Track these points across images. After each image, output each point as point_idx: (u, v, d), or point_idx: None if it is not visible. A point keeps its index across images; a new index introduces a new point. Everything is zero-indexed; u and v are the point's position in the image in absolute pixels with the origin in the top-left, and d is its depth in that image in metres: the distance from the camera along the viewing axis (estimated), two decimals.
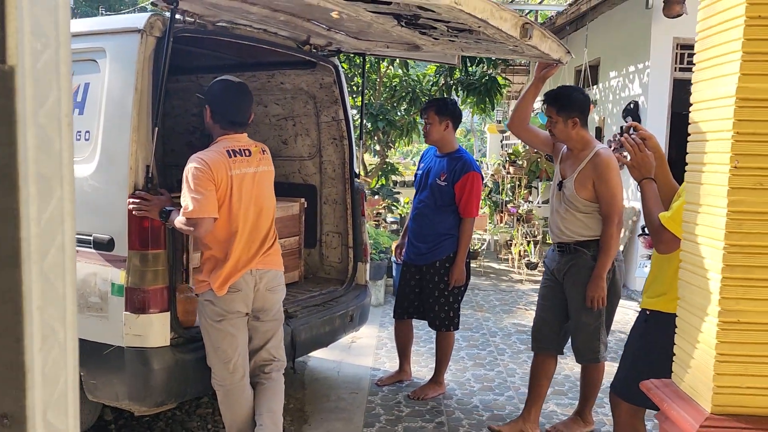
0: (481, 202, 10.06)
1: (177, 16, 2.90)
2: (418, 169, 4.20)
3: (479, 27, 2.62)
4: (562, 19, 7.39)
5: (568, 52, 3.36)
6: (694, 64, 1.88)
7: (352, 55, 9.91)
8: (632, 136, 2.35)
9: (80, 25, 3.30)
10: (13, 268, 0.51)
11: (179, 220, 2.69)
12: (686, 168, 1.92)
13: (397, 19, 2.94)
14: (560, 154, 3.53)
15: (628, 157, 2.37)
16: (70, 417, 0.59)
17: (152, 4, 2.96)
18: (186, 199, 2.67)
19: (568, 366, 4.56)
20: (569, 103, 3.33)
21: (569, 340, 3.56)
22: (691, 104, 1.90)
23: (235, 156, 2.84)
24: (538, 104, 7.44)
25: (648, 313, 2.55)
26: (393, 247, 4.87)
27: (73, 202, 0.59)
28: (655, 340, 2.41)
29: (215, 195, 2.73)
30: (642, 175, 2.35)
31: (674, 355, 1.95)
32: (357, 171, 4.35)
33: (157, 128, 2.84)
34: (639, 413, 2.72)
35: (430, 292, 3.96)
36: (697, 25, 1.84)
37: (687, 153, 1.91)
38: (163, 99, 2.85)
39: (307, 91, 4.33)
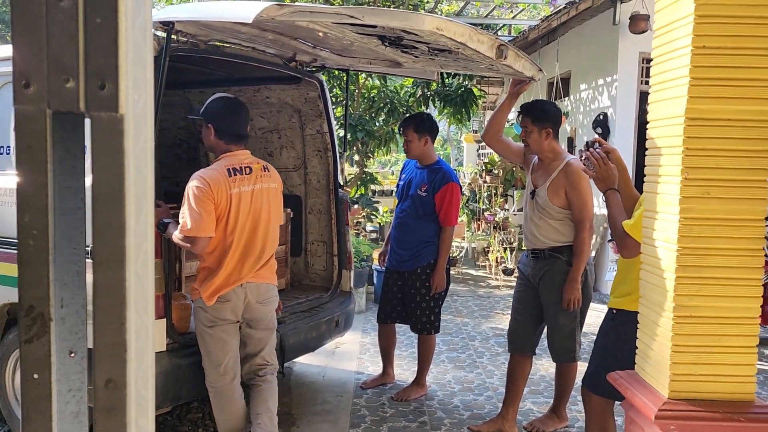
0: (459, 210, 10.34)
1: (172, 36, 3.05)
2: (399, 180, 4.39)
3: (458, 48, 2.82)
4: (535, 33, 7.66)
5: (540, 69, 3.58)
6: (650, 86, 2.09)
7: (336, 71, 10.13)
8: (597, 150, 2.56)
9: None
10: (120, 269, 0.68)
11: (176, 236, 2.82)
12: (645, 179, 2.13)
13: (382, 40, 3.12)
14: (531, 165, 3.74)
15: (594, 170, 2.58)
16: (149, 388, 0.76)
17: None
18: (185, 216, 2.79)
19: (544, 367, 4.77)
20: (543, 115, 3.55)
21: (543, 341, 3.77)
22: (647, 122, 2.12)
23: (236, 174, 2.95)
24: (512, 115, 7.69)
25: (615, 312, 2.76)
26: (376, 255, 5.08)
27: (153, 216, 0.76)
28: (622, 337, 2.62)
29: (214, 214, 2.84)
30: (606, 186, 2.56)
31: (638, 348, 2.16)
32: (341, 182, 4.51)
33: (153, 143, 2.98)
34: (609, 406, 2.92)
35: (412, 297, 4.14)
36: (653, 51, 2.06)
37: (644, 166, 2.12)
38: (159, 115, 2.99)
39: (293, 105, 4.50)
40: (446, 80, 10.04)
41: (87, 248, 0.70)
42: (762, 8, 1.79)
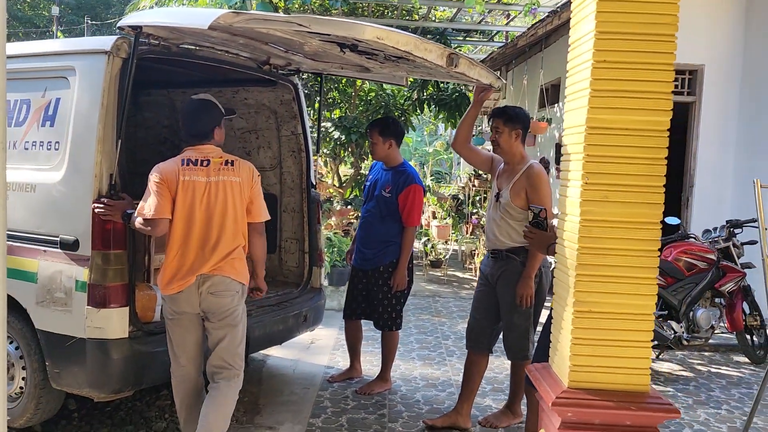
0: (443, 213, 10.45)
1: (142, 39, 3.21)
2: (366, 181, 4.54)
3: (407, 56, 2.97)
4: (523, 41, 7.80)
5: (499, 78, 3.73)
6: (565, 97, 2.24)
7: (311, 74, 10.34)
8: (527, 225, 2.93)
9: (53, 45, 3.62)
10: None
11: (138, 221, 2.98)
12: (560, 184, 2.27)
13: (341, 46, 3.28)
14: (497, 171, 3.90)
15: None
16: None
17: (118, 28, 3.28)
18: (142, 202, 2.96)
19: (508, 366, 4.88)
20: (514, 117, 3.74)
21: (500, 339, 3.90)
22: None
23: (189, 165, 3.03)
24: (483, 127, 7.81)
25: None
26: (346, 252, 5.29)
27: (5, 197, 0.91)
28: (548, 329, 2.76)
29: (169, 198, 2.97)
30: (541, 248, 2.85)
31: (550, 342, 2.30)
32: (314, 182, 4.67)
33: (120, 140, 3.15)
34: None
35: (374, 294, 4.29)
36: (567, 64, 2.20)
37: (559, 170, 2.26)
38: (125, 114, 3.16)
39: (269, 106, 4.66)
40: (441, 84, 10.21)
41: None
42: (658, 26, 1.93)
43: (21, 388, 3.41)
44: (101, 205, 3.06)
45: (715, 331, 5.29)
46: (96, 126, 3.15)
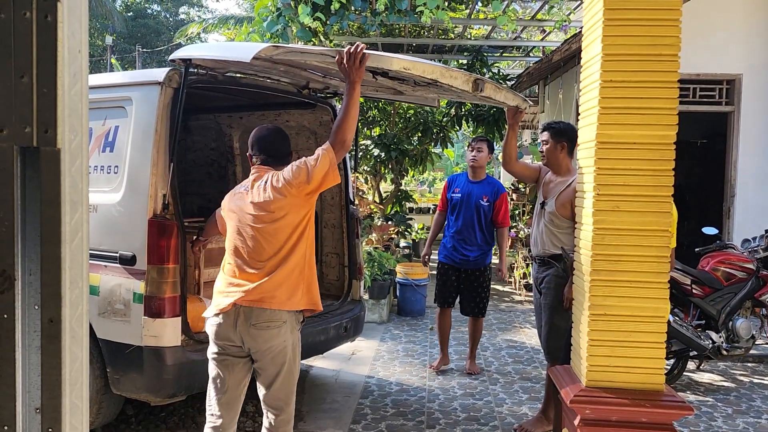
0: None
1: (191, 70, 3.50)
2: (452, 194, 5.25)
3: (435, 83, 3.17)
4: (558, 56, 7.90)
5: (525, 99, 3.90)
6: (579, 114, 2.39)
7: None
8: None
9: (112, 78, 3.94)
10: (57, 246, 1.06)
11: None
12: (577, 195, 2.41)
13: (373, 73, 3.50)
14: (542, 181, 4.08)
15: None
16: (83, 326, 1.13)
17: (170, 60, 3.58)
18: None
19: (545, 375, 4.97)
20: (560, 132, 3.95)
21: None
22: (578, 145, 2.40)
23: (233, 191, 2.92)
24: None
25: None
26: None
27: (88, 214, 1.14)
28: None
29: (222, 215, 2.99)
30: None
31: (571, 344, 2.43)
32: (352, 198, 4.88)
33: (172, 163, 3.43)
34: None
35: (474, 288, 5.15)
36: (580, 83, 2.36)
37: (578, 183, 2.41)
38: (177, 139, 3.44)
39: (309, 128, 4.92)
40: None
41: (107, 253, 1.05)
42: (659, 47, 2.07)
43: None
44: None
45: (757, 342, 5.26)
46: (150, 150, 3.43)
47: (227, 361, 2.81)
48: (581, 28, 6.95)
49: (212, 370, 2.85)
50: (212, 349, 2.83)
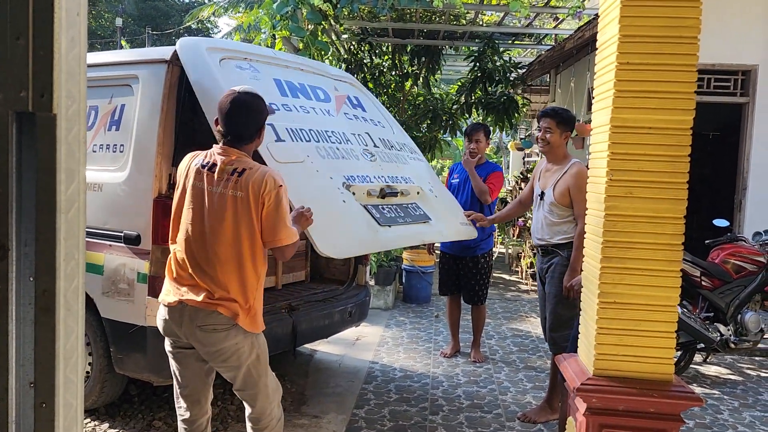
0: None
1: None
2: (452, 179, 5.32)
3: None
4: (570, 43, 7.80)
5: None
6: (593, 98, 2.33)
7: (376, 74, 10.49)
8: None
9: (118, 55, 3.90)
10: (53, 216, 1.02)
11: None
12: (588, 180, 2.36)
13: None
14: (537, 176, 4.03)
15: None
16: (79, 299, 1.10)
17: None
18: None
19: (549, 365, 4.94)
20: (566, 120, 3.89)
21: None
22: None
23: (197, 166, 2.61)
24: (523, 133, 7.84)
25: None
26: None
27: (85, 184, 1.10)
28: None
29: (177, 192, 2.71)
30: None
31: (579, 332, 2.39)
32: None
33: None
34: None
35: (472, 275, 5.17)
36: (595, 67, 2.30)
37: (589, 168, 2.36)
38: (182, 118, 3.40)
39: None
40: (489, 88, 10.27)
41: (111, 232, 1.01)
42: (678, 29, 2.01)
43: (87, 372, 3.69)
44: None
45: (765, 335, 5.20)
46: (156, 130, 3.40)
47: (180, 354, 2.68)
48: (595, 15, 6.85)
49: (171, 364, 2.74)
50: (166, 344, 2.71)
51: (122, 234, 3.46)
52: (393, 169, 4.04)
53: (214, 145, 2.65)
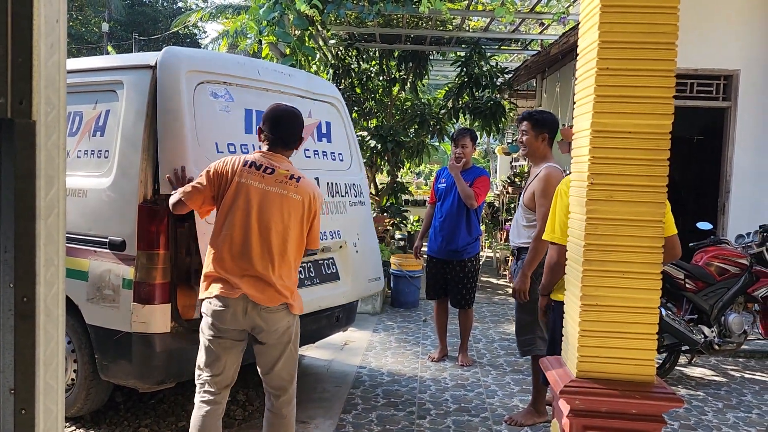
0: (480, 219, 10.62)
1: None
2: (439, 184, 5.34)
3: None
4: (555, 49, 7.86)
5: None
6: (575, 103, 2.36)
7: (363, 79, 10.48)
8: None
9: (103, 61, 3.89)
10: (32, 222, 1.02)
11: (173, 197, 3.02)
12: (571, 184, 2.39)
13: None
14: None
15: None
16: (59, 305, 1.10)
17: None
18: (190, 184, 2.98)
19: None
20: (541, 121, 3.87)
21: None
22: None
23: (252, 168, 2.85)
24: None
25: (552, 303, 3.05)
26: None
27: (65, 190, 1.11)
28: (555, 323, 2.89)
29: (206, 193, 2.88)
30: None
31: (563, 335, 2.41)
32: None
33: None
34: None
35: (459, 279, 5.21)
36: (577, 71, 2.33)
37: (571, 172, 2.38)
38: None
39: None
40: (476, 93, 10.33)
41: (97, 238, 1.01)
42: (656, 35, 2.04)
43: (72, 379, 3.67)
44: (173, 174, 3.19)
45: (749, 337, 5.26)
46: (141, 135, 3.39)
47: (228, 343, 2.89)
48: (579, 21, 6.96)
49: (210, 351, 2.90)
50: (210, 332, 2.88)
51: (107, 240, 3.45)
52: (326, 223, 4.00)
53: (258, 152, 2.97)
